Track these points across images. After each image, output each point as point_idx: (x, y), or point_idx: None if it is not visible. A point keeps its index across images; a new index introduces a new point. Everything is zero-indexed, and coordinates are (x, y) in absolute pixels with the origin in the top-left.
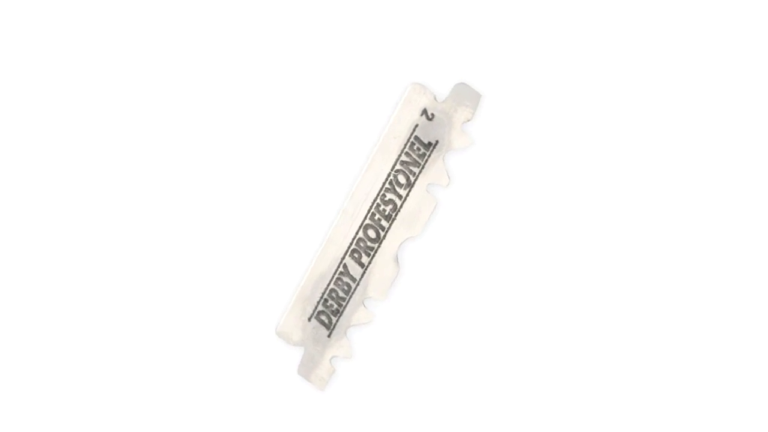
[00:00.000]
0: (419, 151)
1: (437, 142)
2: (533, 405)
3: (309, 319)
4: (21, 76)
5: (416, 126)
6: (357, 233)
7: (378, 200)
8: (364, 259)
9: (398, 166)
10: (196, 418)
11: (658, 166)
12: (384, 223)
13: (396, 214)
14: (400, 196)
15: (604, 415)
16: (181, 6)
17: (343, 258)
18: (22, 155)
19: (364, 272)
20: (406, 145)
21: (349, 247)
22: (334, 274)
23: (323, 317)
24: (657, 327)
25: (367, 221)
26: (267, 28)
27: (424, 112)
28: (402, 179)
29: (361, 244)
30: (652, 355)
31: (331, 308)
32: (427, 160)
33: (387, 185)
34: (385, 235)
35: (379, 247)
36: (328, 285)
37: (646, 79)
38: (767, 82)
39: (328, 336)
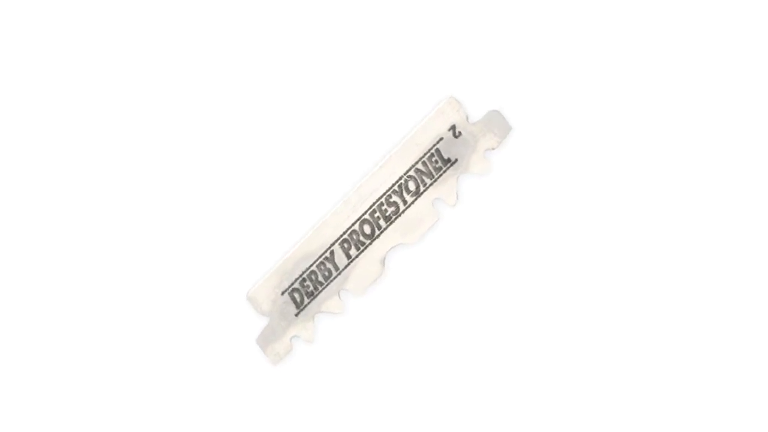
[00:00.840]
0: (436, 164)
1: (456, 160)
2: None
3: (282, 293)
4: (18, 75)
5: (441, 139)
6: (353, 225)
7: (383, 199)
8: (353, 252)
9: (412, 173)
10: (135, 363)
11: (671, 212)
12: (382, 222)
13: (396, 218)
14: (405, 202)
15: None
16: (225, 12)
17: (333, 244)
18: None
19: (349, 264)
20: (425, 154)
21: (341, 236)
22: (320, 257)
23: (296, 295)
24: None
25: (366, 216)
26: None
27: (453, 128)
28: (412, 186)
29: (354, 237)
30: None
31: (306, 289)
32: (441, 175)
33: (395, 187)
34: (379, 235)
35: (370, 244)
36: (311, 266)
37: (668, 124)
38: None
39: (296, 315)
